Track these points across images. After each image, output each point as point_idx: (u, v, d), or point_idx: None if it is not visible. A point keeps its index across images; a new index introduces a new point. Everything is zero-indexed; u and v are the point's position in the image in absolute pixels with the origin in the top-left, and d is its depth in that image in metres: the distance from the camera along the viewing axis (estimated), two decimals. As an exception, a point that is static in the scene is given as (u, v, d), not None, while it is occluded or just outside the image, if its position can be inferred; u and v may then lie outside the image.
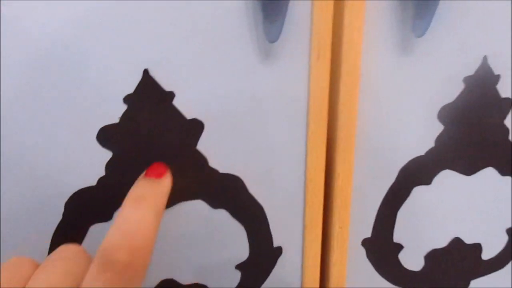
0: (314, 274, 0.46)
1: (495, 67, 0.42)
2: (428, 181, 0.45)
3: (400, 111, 0.42)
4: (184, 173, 0.38)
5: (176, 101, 0.37)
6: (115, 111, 0.36)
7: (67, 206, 0.38)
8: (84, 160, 0.37)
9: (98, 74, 0.35)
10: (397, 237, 0.47)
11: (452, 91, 0.42)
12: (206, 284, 0.45)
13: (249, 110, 0.39)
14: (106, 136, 0.36)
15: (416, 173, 0.45)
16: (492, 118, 0.44)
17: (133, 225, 0.29)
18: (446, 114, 0.43)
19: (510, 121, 0.45)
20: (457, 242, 0.49)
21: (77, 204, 0.38)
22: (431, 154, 0.44)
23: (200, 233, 0.43)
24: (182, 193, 0.40)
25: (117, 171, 0.37)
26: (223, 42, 0.36)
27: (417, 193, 0.46)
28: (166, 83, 0.36)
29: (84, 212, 0.38)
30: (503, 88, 0.43)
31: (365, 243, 0.47)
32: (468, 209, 0.48)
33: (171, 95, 0.36)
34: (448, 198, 0.47)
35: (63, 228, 0.39)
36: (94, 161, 0.37)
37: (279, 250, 0.45)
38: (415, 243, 0.48)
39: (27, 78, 0.34)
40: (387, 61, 0.39)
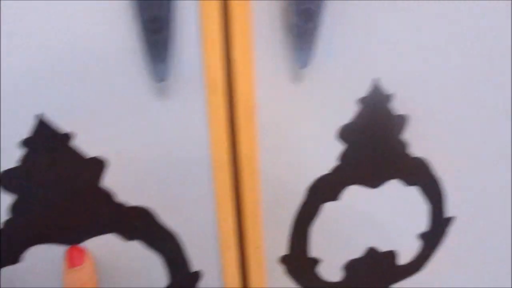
0: (235, 294, 0.48)
1: (389, 87, 0.45)
2: (336, 197, 0.48)
3: (300, 135, 0.44)
4: (89, 210, 0.39)
5: (76, 142, 0.38)
6: (14, 156, 0.37)
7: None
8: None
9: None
10: (314, 252, 0.50)
11: (349, 112, 0.45)
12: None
13: (151, 146, 0.40)
14: (8, 180, 0.37)
15: (324, 190, 0.47)
16: (390, 134, 0.47)
17: None
18: (346, 134, 0.45)
19: (407, 135, 0.48)
20: (372, 251, 0.52)
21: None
22: (336, 171, 0.47)
23: (118, 266, 0.44)
24: (93, 229, 0.41)
25: (22, 213, 0.38)
26: (117, 82, 0.37)
27: (327, 209, 0.48)
28: (64, 125, 0.37)
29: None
30: (398, 106, 0.46)
31: (283, 260, 0.49)
32: (379, 219, 0.51)
33: (68, 136, 0.37)
34: (358, 210, 0.49)
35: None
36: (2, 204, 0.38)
37: (198, 275, 0.46)
38: (332, 256, 0.51)
39: None
40: (281, 90, 0.41)
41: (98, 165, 0.38)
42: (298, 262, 0.49)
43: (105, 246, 0.42)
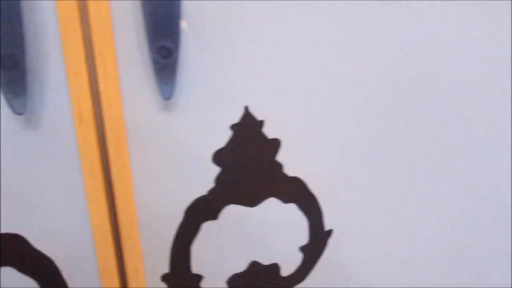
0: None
1: (261, 113, 0.48)
2: (214, 216, 0.50)
3: (174, 160, 0.46)
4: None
5: None
6: None
7: None
8: None
9: None
10: (196, 269, 0.52)
11: (222, 138, 0.47)
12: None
13: (23, 177, 0.41)
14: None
15: (203, 210, 0.49)
16: (263, 156, 0.50)
17: None
18: (220, 158, 0.48)
19: (282, 157, 0.51)
20: (255, 265, 0.54)
21: None
22: (213, 192, 0.49)
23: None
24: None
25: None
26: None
27: (206, 228, 0.50)
28: None
29: None
30: (270, 131, 0.49)
31: (165, 278, 0.51)
32: (260, 235, 0.53)
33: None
34: (238, 227, 0.52)
35: None
36: None
37: (78, 297, 0.47)
38: (215, 271, 0.53)
39: None
40: (153, 119, 0.43)
41: None
42: (181, 280, 0.51)
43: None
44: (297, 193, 0.53)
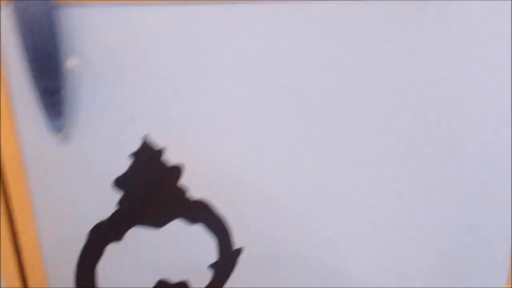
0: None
1: (161, 141, 0.50)
2: (119, 238, 0.53)
3: (75, 186, 0.48)
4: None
5: None
6: None
7: None
8: None
9: None
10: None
11: (122, 165, 0.50)
12: None
13: None
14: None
15: (106, 232, 0.52)
16: (165, 181, 0.52)
17: None
18: (121, 183, 0.50)
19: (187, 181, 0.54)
20: (162, 283, 0.57)
21: None
22: (116, 215, 0.52)
23: None
24: None
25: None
26: None
27: (112, 249, 0.53)
28: None
29: None
30: (172, 158, 0.52)
31: (71, 297, 0.53)
32: (167, 254, 0.56)
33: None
34: (145, 248, 0.55)
35: None
36: None
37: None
38: (123, 290, 0.56)
39: None
40: (50, 151, 0.46)
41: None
42: (88, 298, 0.54)
43: None
44: (203, 214, 0.56)
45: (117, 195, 0.51)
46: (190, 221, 0.56)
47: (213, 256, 0.59)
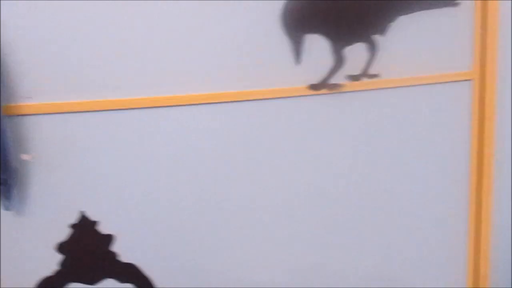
0: None
1: (95, 215, 0.64)
2: (59, 292, 0.66)
3: (25, 249, 0.62)
4: None
5: None
6: None
7: None
8: None
9: None
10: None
11: (63, 233, 0.64)
12: None
13: None
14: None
15: (49, 287, 0.65)
16: (99, 246, 0.66)
17: None
18: (62, 248, 0.64)
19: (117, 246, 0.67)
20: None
21: None
22: (57, 274, 0.65)
23: None
24: None
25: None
26: None
27: (53, 301, 0.66)
28: None
29: None
30: (105, 228, 0.65)
31: None
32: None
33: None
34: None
35: None
36: None
37: None
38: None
39: None
40: (6, 221, 0.60)
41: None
42: None
43: None
44: (132, 276, 0.68)
45: (59, 257, 0.64)
46: (121, 281, 0.68)
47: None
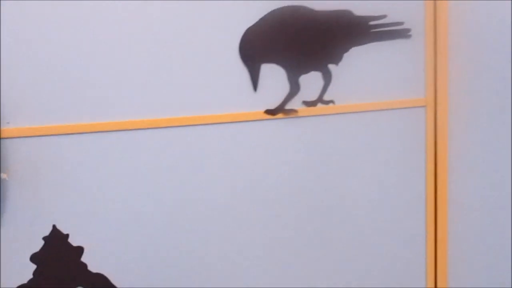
0: None
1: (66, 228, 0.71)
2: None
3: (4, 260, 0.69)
4: None
5: None
6: None
7: None
8: None
9: None
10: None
11: (37, 245, 0.70)
12: None
13: None
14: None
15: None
16: (70, 257, 0.72)
17: None
18: (36, 259, 0.70)
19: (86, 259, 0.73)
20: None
21: None
22: (31, 282, 0.71)
23: None
24: None
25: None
26: None
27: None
28: None
29: None
30: (75, 241, 0.72)
31: None
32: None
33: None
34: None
35: None
36: None
37: None
38: None
39: None
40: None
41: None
42: None
43: None
44: (100, 285, 0.75)
45: (33, 267, 0.71)
46: (91, 289, 0.75)
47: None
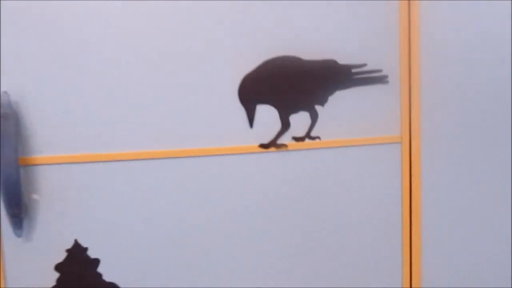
0: None
1: (86, 243, 0.83)
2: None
3: (30, 270, 0.81)
4: None
5: None
6: None
7: None
8: None
9: None
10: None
11: (61, 256, 0.82)
12: None
13: None
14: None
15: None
16: (88, 268, 0.84)
17: None
18: (60, 268, 0.82)
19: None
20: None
21: None
22: (55, 288, 0.83)
23: None
24: None
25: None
26: None
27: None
28: None
29: None
30: (92, 253, 0.83)
31: None
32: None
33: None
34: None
35: None
36: None
37: None
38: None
39: None
40: (9, 249, 0.79)
41: None
42: None
43: None
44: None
45: (56, 275, 0.82)
46: (103, 296, 0.86)
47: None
